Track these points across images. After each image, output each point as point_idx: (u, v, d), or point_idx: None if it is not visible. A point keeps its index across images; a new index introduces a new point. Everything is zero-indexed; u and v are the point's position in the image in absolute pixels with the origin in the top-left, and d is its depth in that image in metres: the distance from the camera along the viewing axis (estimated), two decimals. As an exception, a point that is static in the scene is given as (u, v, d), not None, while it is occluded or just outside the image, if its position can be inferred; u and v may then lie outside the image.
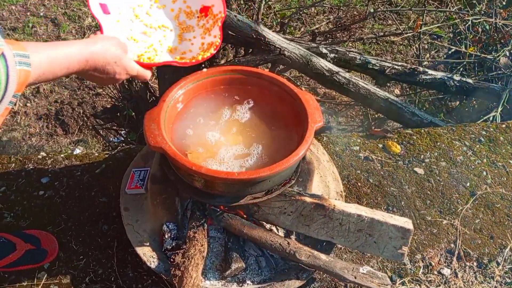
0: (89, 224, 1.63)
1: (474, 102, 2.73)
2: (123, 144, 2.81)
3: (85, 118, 3.50)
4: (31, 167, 1.77)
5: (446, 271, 1.62)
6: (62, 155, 1.83)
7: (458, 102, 2.87)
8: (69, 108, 3.51)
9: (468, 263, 1.64)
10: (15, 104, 2.76)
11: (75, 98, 3.63)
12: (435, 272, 1.61)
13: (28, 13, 4.17)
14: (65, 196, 1.70)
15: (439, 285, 1.58)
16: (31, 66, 0.86)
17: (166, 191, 1.52)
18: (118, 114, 2.69)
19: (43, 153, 1.82)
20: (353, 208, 1.46)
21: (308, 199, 1.46)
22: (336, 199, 1.63)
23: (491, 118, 2.27)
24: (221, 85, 1.56)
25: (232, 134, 1.48)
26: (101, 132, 3.01)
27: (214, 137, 1.47)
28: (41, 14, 4.19)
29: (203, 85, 1.54)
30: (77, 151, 3.16)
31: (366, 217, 1.43)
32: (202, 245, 1.42)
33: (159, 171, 1.51)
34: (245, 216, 1.53)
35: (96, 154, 1.85)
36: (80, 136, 3.43)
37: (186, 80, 1.51)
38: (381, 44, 4.21)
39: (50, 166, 1.78)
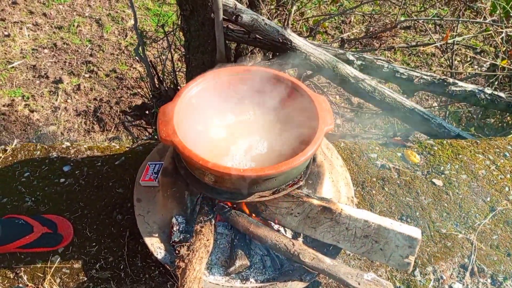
0: (104, 213, 1.69)
1: (509, 117, 2.63)
2: (151, 141, 2.88)
3: (122, 117, 3.61)
4: (55, 155, 1.85)
5: (458, 286, 1.56)
6: (85, 146, 1.90)
7: (492, 120, 2.78)
8: (107, 106, 3.62)
9: (481, 280, 1.58)
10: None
11: (113, 96, 3.74)
12: (446, 286, 1.56)
13: (74, 13, 4.35)
14: (84, 184, 1.77)
15: (449, 300, 1.53)
16: None
17: (176, 185, 1.55)
18: (147, 112, 2.77)
19: (67, 143, 1.90)
20: (361, 214, 1.44)
21: (315, 202, 1.46)
22: (346, 204, 1.62)
23: (522, 134, 2.19)
24: (237, 85, 1.59)
25: (245, 132, 1.50)
26: (130, 129, 3.10)
27: (227, 135, 1.49)
28: (87, 14, 4.37)
29: (219, 84, 1.57)
30: (112, 147, 3.26)
31: (373, 223, 1.41)
32: (208, 240, 1.44)
33: (170, 165, 1.55)
34: (253, 215, 1.55)
35: (117, 147, 1.91)
36: (116, 134, 3.54)
37: (203, 77, 1.54)
38: (421, 56, 4.14)
39: (73, 155, 1.86)
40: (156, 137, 2.74)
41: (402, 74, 2.39)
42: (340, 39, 2.84)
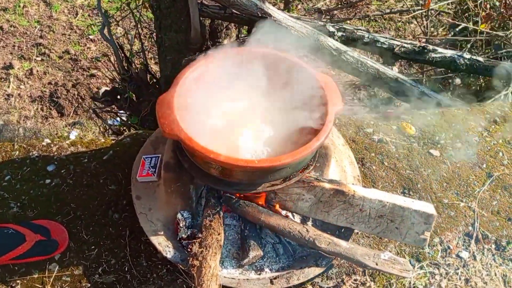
0: (99, 213, 1.58)
1: (482, 80, 2.68)
2: (124, 128, 2.74)
3: (80, 100, 3.42)
4: (36, 154, 1.70)
5: (465, 254, 1.59)
6: (67, 142, 1.76)
7: (459, 81, 2.82)
8: (63, 90, 3.44)
9: (486, 246, 1.62)
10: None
11: (69, 79, 3.54)
12: (454, 256, 1.59)
13: (19, -7, 4.03)
14: (72, 184, 1.64)
15: (458, 269, 1.56)
16: None
17: (180, 179, 1.46)
18: (119, 97, 2.61)
19: (47, 140, 1.75)
20: (374, 194, 1.42)
21: (327, 185, 1.42)
22: (353, 183, 1.59)
23: (502, 97, 2.23)
24: (237, 68, 1.49)
25: (251, 118, 1.43)
26: (101, 116, 2.93)
27: (232, 122, 1.41)
28: (33, -7, 4.05)
29: (218, 67, 1.47)
30: (74, 133, 3.10)
31: (387, 203, 1.40)
32: (219, 234, 1.38)
33: (172, 159, 1.46)
34: (261, 203, 1.49)
35: (103, 140, 1.79)
36: (75, 119, 3.36)
37: (200, 62, 1.44)
38: (379, 21, 4.13)
39: (55, 153, 1.72)
40: (130, 122, 2.60)
41: (383, 44, 2.36)
42: (316, 9, 2.77)
